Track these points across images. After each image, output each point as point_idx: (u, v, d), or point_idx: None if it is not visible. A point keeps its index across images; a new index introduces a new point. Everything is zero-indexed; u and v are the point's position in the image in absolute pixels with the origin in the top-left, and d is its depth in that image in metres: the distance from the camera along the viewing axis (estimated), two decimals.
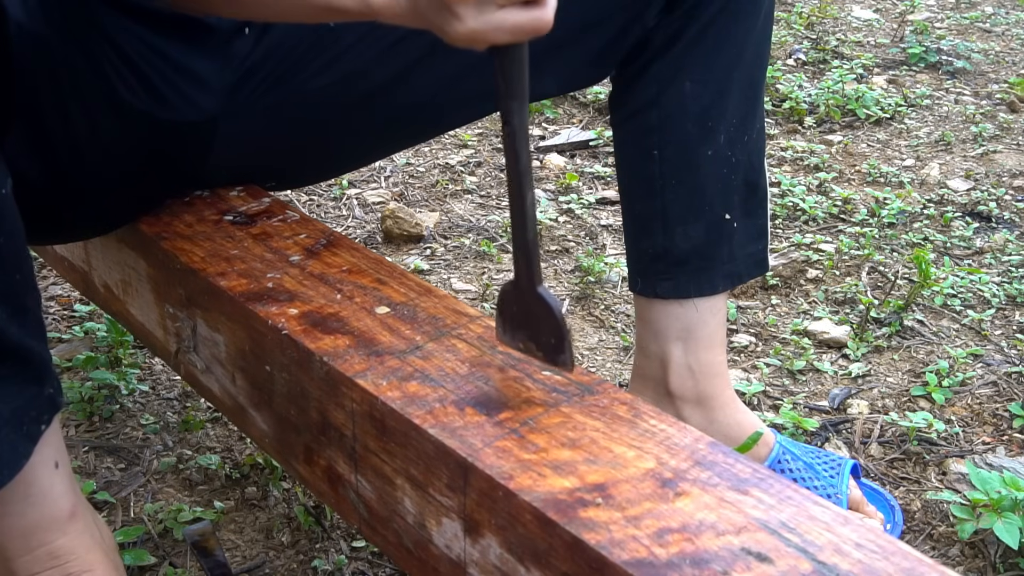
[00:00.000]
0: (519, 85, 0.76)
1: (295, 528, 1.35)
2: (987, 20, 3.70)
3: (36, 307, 0.91)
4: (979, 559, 1.31)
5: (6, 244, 0.85)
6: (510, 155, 0.77)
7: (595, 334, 1.82)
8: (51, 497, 0.99)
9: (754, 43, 1.19)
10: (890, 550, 0.66)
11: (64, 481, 1.00)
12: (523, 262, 0.81)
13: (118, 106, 1.00)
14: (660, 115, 1.19)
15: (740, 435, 1.28)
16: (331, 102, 1.14)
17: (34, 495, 0.97)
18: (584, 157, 2.57)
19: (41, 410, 0.93)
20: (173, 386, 1.64)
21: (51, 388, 0.94)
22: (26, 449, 0.91)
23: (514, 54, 0.75)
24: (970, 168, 2.50)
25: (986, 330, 1.83)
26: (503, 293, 0.85)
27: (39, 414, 0.92)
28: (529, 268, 0.81)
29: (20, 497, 0.97)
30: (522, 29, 0.73)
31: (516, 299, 0.83)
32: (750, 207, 1.24)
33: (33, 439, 0.92)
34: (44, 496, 0.98)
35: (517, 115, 0.76)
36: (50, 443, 0.97)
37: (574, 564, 0.69)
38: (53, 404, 0.94)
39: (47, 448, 0.97)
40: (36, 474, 0.96)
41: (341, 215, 2.26)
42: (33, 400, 0.91)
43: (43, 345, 0.93)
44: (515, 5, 0.73)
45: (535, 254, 0.80)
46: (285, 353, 0.95)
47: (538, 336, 0.83)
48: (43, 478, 0.98)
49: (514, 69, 0.75)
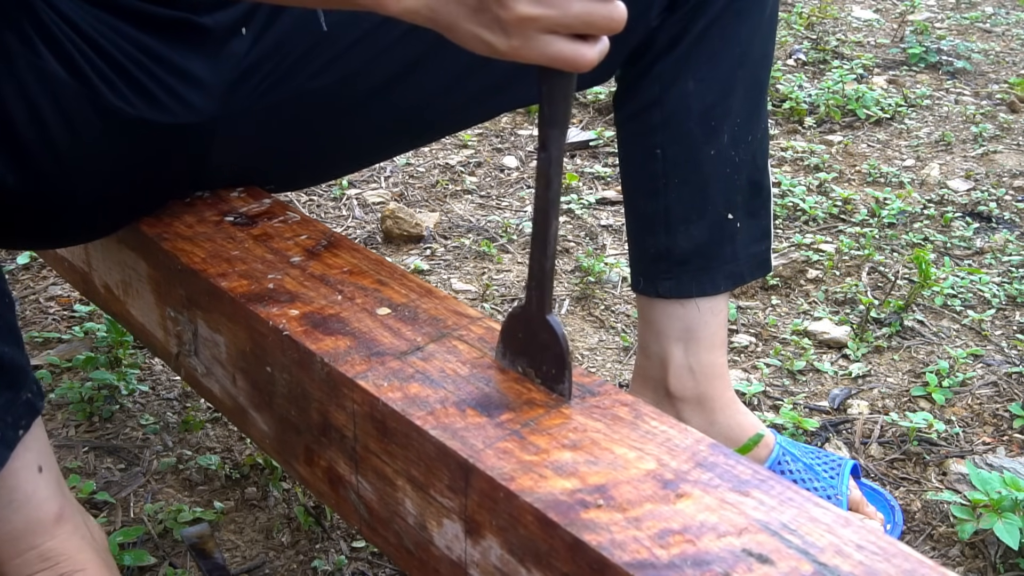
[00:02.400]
0: (563, 114, 0.76)
1: (295, 528, 1.35)
2: (987, 20, 3.70)
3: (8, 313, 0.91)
4: (979, 559, 1.31)
5: None
6: (542, 181, 0.77)
7: (595, 334, 1.82)
8: (35, 501, 0.98)
9: (758, 42, 1.19)
10: (891, 551, 0.66)
11: (50, 485, 1.00)
12: (537, 288, 0.81)
13: (103, 111, 0.97)
14: (663, 114, 1.19)
15: (740, 436, 1.28)
16: (330, 103, 1.14)
17: (18, 500, 0.97)
18: (584, 157, 2.57)
19: (18, 416, 0.92)
20: (173, 386, 1.64)
21: (29, 393, 0.93)
22: (1, 456, 0.91)
23: (563, 82, 0.75)
24: (970, 168, 2.50)
25: (986, 330, 1.83)
26: (511, 316, 0.85)
27: (15, 420, 0.92)
28: (541, 295, 0.81)
29: (3, 503, 0.96)
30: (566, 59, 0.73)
31: (523, 325, 0.84)
32: (753, 207, 1.24)
33: (9, 445, 0.92)
34: (28, 500, 0.98)
35: (556, 143, 0.76)
36: (31, 448, 0.97)
37: (575, 565, 0.69)
38: (31, 409, 0.94)
39: (28, 453, 0.96)
40: (18, 479, 0.96)
41: (341, 215, 2.26)
42: (8, 406, 0.91)
43: (18, 350, 0.92)
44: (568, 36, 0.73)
45: (550, 282, 0.81)
46: (286, 354, 0.95)
47: (539, 364, 0.83)
48: (26, 483, 0.97)
49: (559, 97, 0.76)
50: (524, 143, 2.64)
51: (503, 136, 2.68)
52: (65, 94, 0.95)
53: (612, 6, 0.72)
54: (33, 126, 0.93)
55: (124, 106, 0.99)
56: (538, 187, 0.78)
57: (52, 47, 0.93)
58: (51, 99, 0.94)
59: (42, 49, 0.92)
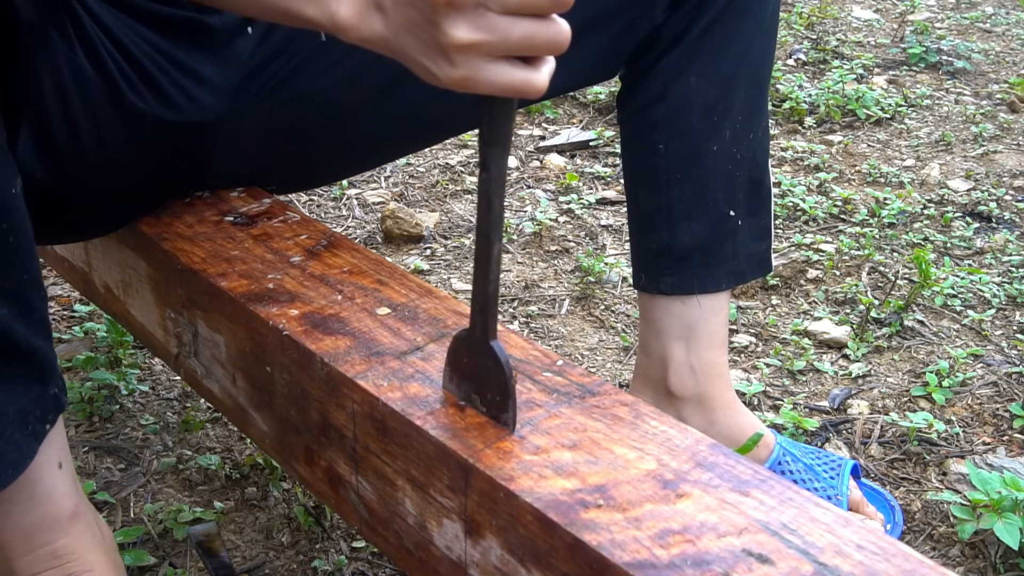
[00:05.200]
0: (503, 134, 0.74)
1: (295, 528, 1.35)
2: (987, 20, 3.70)
3: (43, 306, 0.91)
4: (979, 559, 1.31)
5: (15, 243, 0.85)
6: (483, 201, 0.75)
7: (595, 334, 1.82)
8: (54, 497, 0.99)
9: (760, 40, 1.20)
10: (891, 551, 0.66)
11: (67, 481, 1.00)
12: (480, 313, 0.78)
13: (123, 109, 1.00)
14: (665, 110, 1.19)
15: (740, 437, 1.28)
16: (333, 104, 1.14)
17: (38, 495, 0.97)
18: (584, 157, 2.57)
19: (46, 410, 0.93)
20: (173, 386, 1.64)
21: (56, 388, 0.94)
22: (31, 449, 0.91)
23: (504, 105, 0.73)
24: (970, 168, 2.50)
25: (986, 330, 1.83)
26: (456, 340, 0.82)
27: (44, 414, 0.92)
28: (485, 320, 0.78)
29: (24, 497, 0.97)
30: (512, 87, 0.71)
31: (468, 350, 0.81)
32: (754, 205, 1.24)
33: (38, 439, 0.92)
34: (48, 496, 0.98)
35: (496, 163, 0.74)
36: (54, 443, 0.97)
37: (575, 565, 0.69)
38: (58, 404, 0.94)
39: (51, 448, 0.97)
40: (40, 474, 0.96)
41: (341, 215, 2.26)
42: (38, 400, 0.91)
43: (49, 345, 0.93)
44: (513, 61, 0.71)
45: (494, 307, 0.78)
46: (286, 354, 0.95)
47: (484, 391, 0.80)
48: (47, 478, 0.98)
49: (501, 118, 0.73)
50: (524, 143, 2.64)
51: None
52: (92, 90, 0.97)
53: (555, 27, 0.70)
54: (63, 120, 0.96)
55: (140, 103, 1.01)
56: (480, 208, 0.75)
57: (84, 44, 0.96)
58: (80, 95, 0.96)
59: (76, 45, 0.95)
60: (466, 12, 0.70)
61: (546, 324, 1.85)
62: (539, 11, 0.70)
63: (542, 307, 1.90)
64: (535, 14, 0.70)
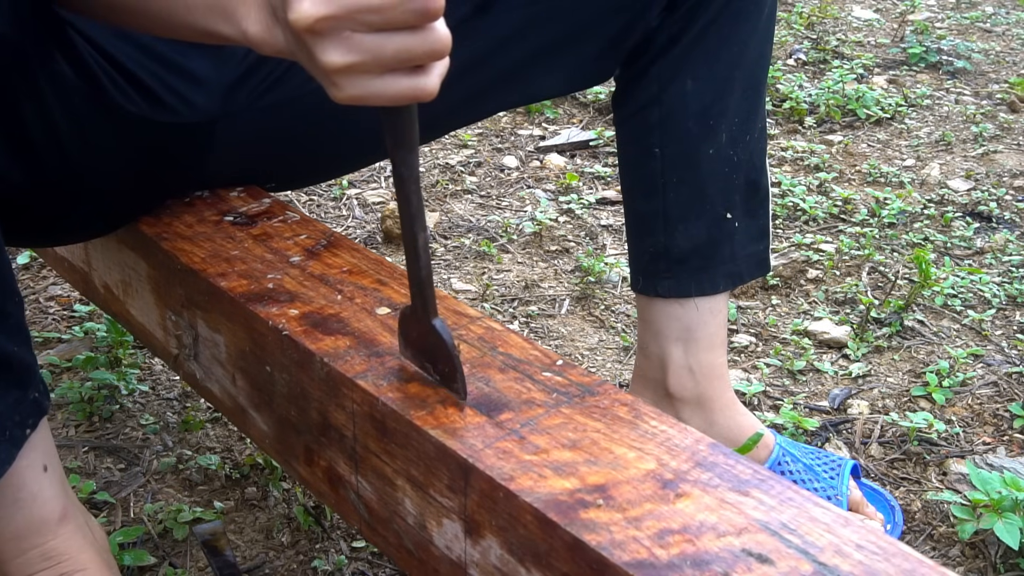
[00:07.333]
0: (406, 137, 0.75)
1: (295, 528, 1.35)
2: (987, 20, 3.70)
3: (18, 311, 0.91)
4: (979, 559, 1.31)
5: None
6: (402, 199, 0.78)
7: (595, 334, 1.82)
8: (40, 500, 0.99)
9: (756, 43, 1.19)
10: (891, 551, 0.66)
11: (54, 484, 1.00)
12: (419, 296, 0.83)
13: (108, 110, 0.99)
14: (662, 113, 1.19)
15: (740, 437, 1.28)
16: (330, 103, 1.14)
17: (23, 499, 0.97)
18: (584, 157, 2.57)
19: (25, 415, 0.92)
20: (173, 386, 1.64)
21: (36, 392, 0.93)
22: (9, 454, 0.91)
23: (401, 110, 0.74)
24: (970, 168, 2.50)
25: (986, 330, 1.83)
26: (403, 316, 0.86)
27: (23, 419, 0.92)
28: (424, 303, 0.83)
29: (9, 501, 0.96)
30: (404, 97, 0.71)
31: (415, 326, 0.85)
32: (751, 207, 1.24)
33: (17, 444, 0.92)
34: (33, 499, 0.98)
35: (405, 164, 0.77)
36: (37, 447, 0.97)
37: (575, 565, 0.69)
38: (39, 408, 0.94)
39: (34, 452, 0.97)
40: (24, 478, 0.96)
41: (341, 215, 2.25)
42: (16, 405, 0.91)
43: (26, 350, 0.92)
44: (398, 72, 0.70)
45: (430, 290, 0.82)
46: (286, 354, 0.95)
47: (434, 362, 0.85)
48: (31, 482, 0.97)
49: (400, 125, 0.74)
50: (524, 143, 2.64)
51: (503, 136, 2.68)
52: (73, 94, 0.96)
53: (431, 36, 0.69)
54: (41, 125, 0.94)
55: (128, 105, 1.00)
56: (400, 205, 0.79)
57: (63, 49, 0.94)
58: (60, 99, 0.95)
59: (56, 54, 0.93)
60: (332, 37, 0.68)
61: (546, 324, 1.85)
62: (406, 25, 0.68)
63: (542, 307, 1.90)
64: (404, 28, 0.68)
